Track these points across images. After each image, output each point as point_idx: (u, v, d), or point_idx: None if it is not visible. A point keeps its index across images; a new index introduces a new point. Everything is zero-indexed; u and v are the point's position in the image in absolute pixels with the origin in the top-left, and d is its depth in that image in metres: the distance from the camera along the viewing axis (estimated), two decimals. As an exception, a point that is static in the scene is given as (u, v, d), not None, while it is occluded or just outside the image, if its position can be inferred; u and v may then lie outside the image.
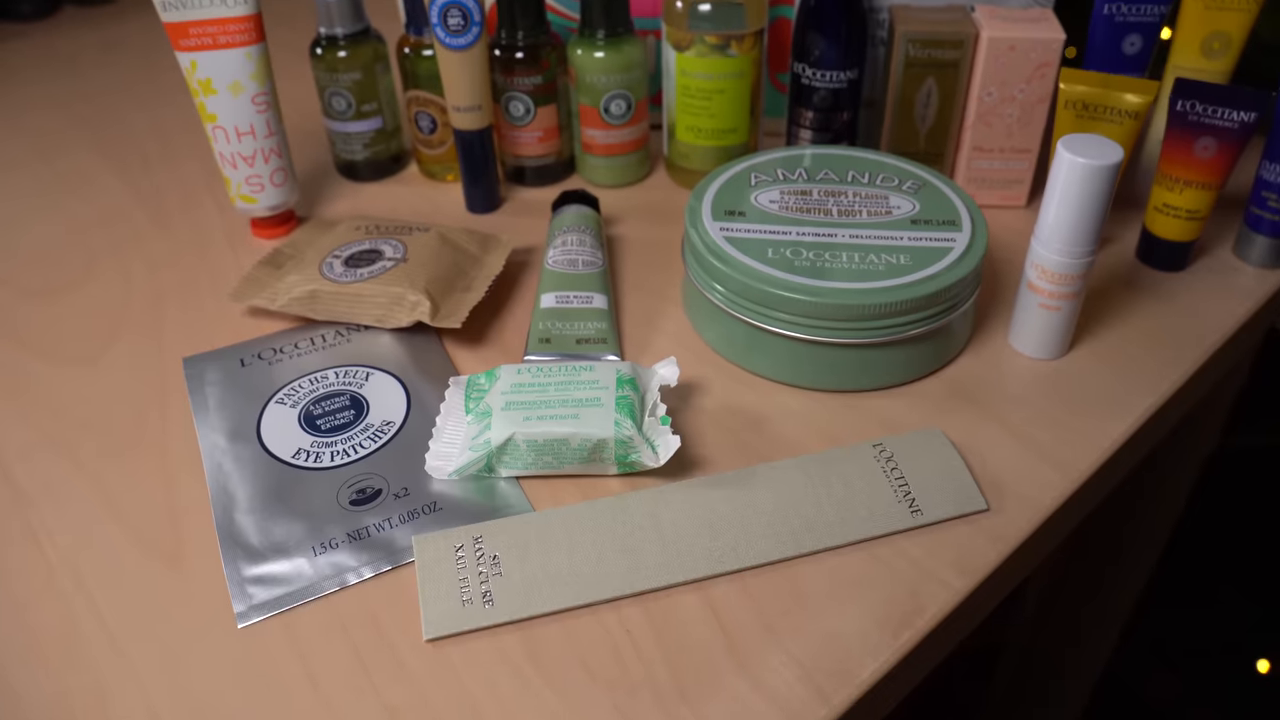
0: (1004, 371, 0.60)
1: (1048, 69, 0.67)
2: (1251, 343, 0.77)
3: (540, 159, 0.75)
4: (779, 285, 0.56)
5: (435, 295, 0.61)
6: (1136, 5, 0.66)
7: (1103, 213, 0.55)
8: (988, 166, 0.71)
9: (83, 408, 0.59)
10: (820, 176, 0.65)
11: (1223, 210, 0.73)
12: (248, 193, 0.70)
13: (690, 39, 0.69)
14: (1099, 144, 0.55)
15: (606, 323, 0.61)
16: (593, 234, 0.66)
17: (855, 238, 0.59)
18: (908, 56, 0.68)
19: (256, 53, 0.66)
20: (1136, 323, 0.63)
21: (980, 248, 0.59)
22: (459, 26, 0.66)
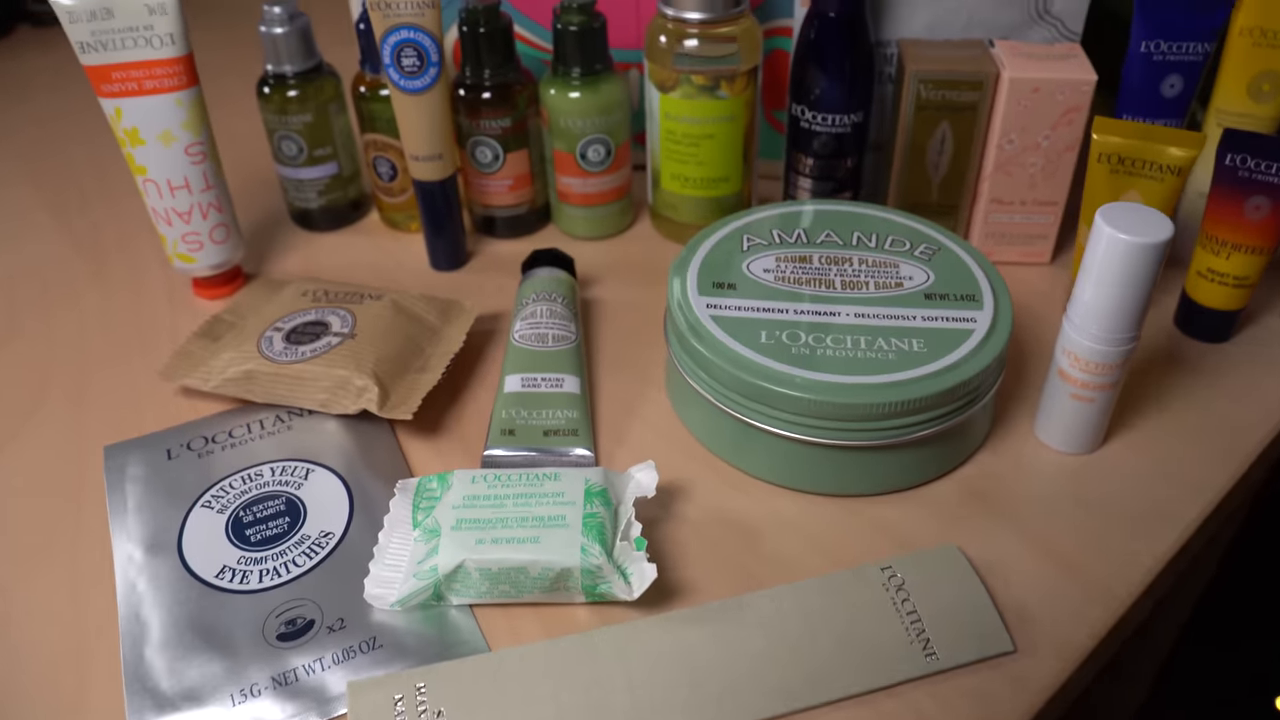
0: (1028, 469, 0.52)
1: (1077, 114, 0.59)
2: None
3: (511, 209, 0.67)
4: (772, 378, 0.48)
5: (385, 379, 0.53)
6: (1178, 43, 0.58)
7: (1147, 295, 0.47)
8: (1007, 220, 0.63)
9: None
10: (822, 239, 0.56)
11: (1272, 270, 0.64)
12: (185, 251, 0.62)
13: (675, 79, 0.60)
14: (1144, 216, 0.46)
15: (578, 410, 0.53)
16: (565, 302, 0.58)
17: (861, 316, 0.51)
18: (919, 99, 0.60)
19: (189, 98, 0.58)
20: (1178, 407, 0.55)
21: (1005, 329, 0.51)
22: (414, 67, 0.58)
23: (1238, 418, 0.55)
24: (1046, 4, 0.62)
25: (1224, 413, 0.55)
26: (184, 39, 0.57)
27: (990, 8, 0.62)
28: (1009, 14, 0.63)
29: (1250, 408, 0.55)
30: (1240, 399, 0.56)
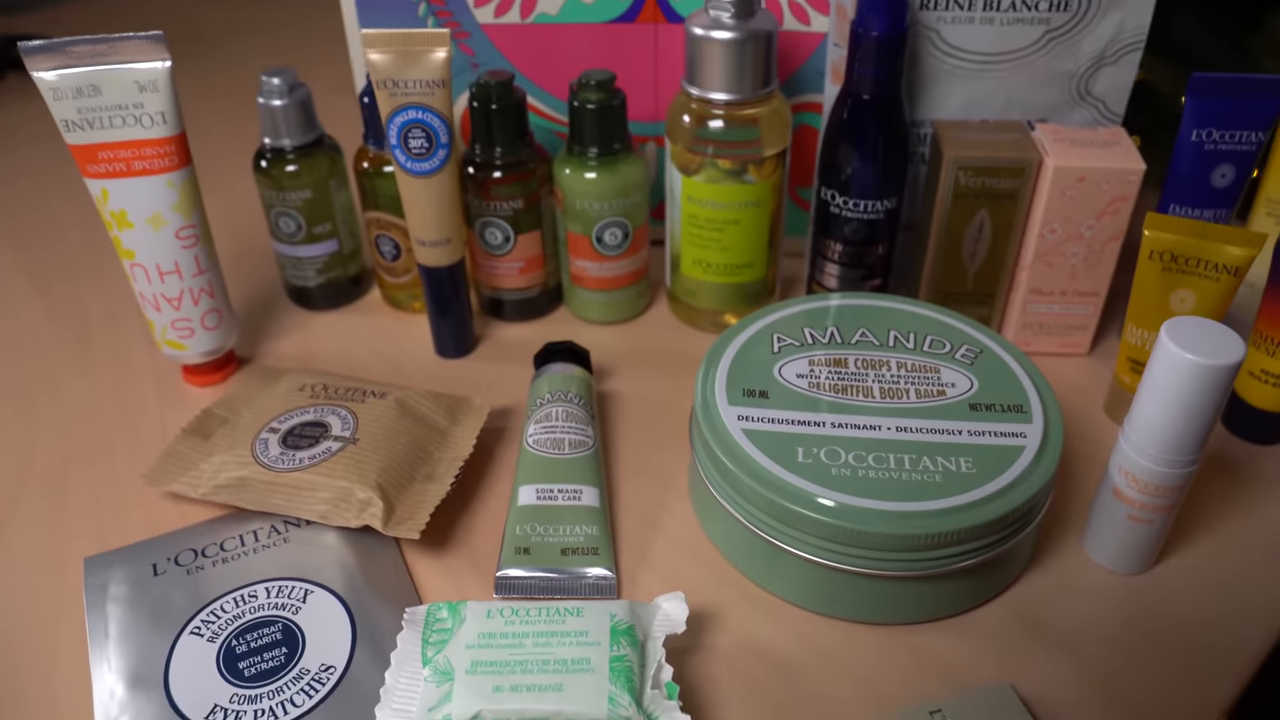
0: (1080, 592, 0.48)
1: (1123, 203, 0.56)
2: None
3: (521, 291, 0.63)
4: (811, 504, 0.44)
5: (390, 490, 0.49)
6: (1231, 132, 0.55)
7: (1214, 417, 0.44)
8: (1046, 311, 0.60)
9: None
10: (856, 338, 0.53)
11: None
12: (175, 338, 0.58)
13: (699, 162, 0.57)
14: (1212, 333, 0.43)
15: (598, 526, 0.49)
16: (582, 402, 0.54)
17: (904, 431, 0.48)
18: (957, 185, 0.56)
19: (180, 179, 0.54)
20: (1231, 516, 0.52)
21: (1056, 444, 0.47)
22: (422, 149, 0.54)
23: (1295, 534, 0.52)
24: (1088, 85, 0.59)
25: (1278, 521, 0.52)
26: (176, 117, 0.53)
27: (1030, 88, 0.59)
28: (1049, 95, 0.60)
29: (1309, 522, 0.52)
30: (1295, 511, 0.53)
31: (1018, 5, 0.56)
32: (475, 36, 0.63)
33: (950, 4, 0.57)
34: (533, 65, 0.64)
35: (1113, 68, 0.59)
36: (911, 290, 0.63)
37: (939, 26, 0.57)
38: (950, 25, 0.57)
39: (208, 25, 1.20)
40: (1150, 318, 0.54)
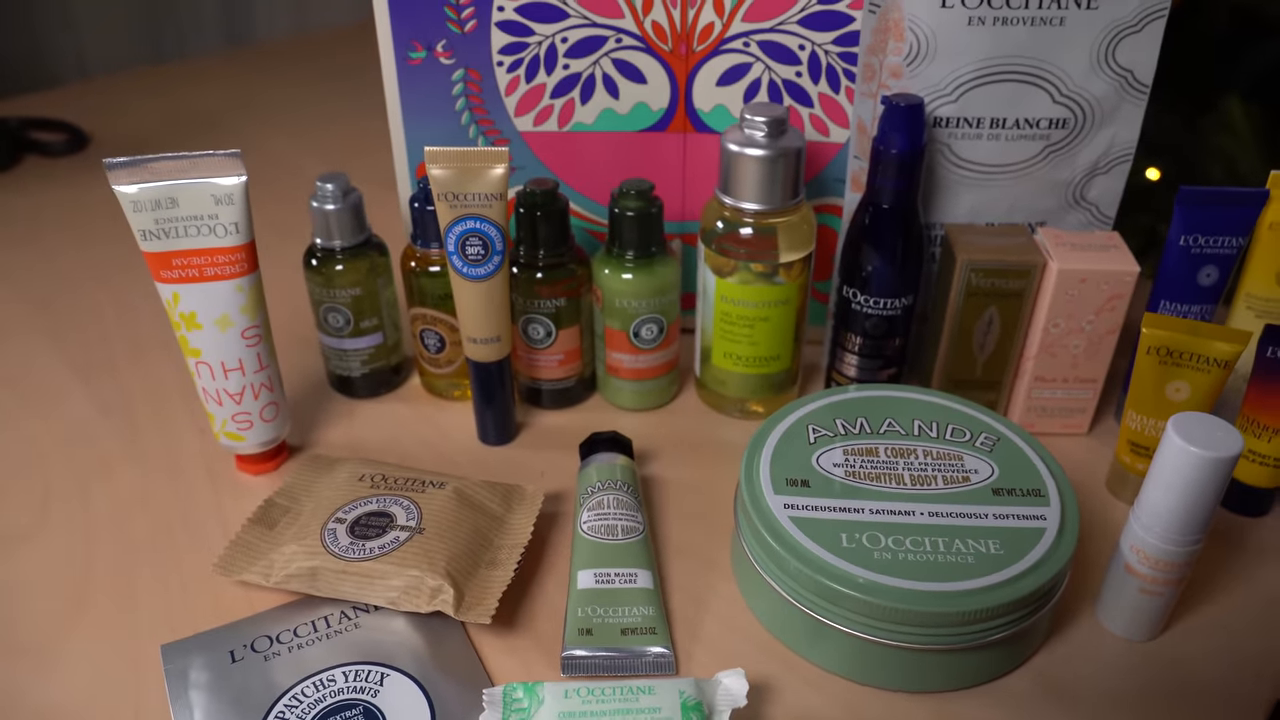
0: (1097, 658, 0.54)
1: (1119, 300, 0.62)
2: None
3: (559, 382, 0.68)
4: (857, 585, 0.49)
5: (459, 577, 0.54)
6: (1214, 237, 0.62)
7: (1216, 501, 0.50)
8: (1050, 396, 0.66)
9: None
10: (884, 428, 0.59)
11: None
12: (234, 430, 0.62)
13: (733, 265, 0.63)
14: (1213, 428, 0.50)
15: (654, 606, 0.54)
16: (630, 490, 0.59)
17: (935, 515, 0.53)
18: (969, 285, 0.63)
19: (249, 283, 0.59)
20: (1230, 585, 0.58)
21: (1074, 525, 0.53)
22: (479, 256, 0.59)
23: (1289, 602, 0.58)
24: (1083, 191, 0.67)
25: (1275, 588, 0.58)
26: (248, 226, 0.58)
27: (1031, 195, 0.66)
28: (1048, 201, 0.67)
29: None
30: (1286, 581, 0.59)
31: (1021, 124, 0.64)
32: (514, 143, 0.69)
33: (961, 123, 0.64)
34: (568, 170, 0.70)
35: (1105, 176, 0.66)
36: (924, 376, 0.69)
37: (950, 142, 0.64)
38: (961, 141, 0.64)
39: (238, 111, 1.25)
40: (1149, 406, 0.61)
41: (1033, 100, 0.63)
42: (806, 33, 0.64)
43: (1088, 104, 0.63)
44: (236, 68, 1.40)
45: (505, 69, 0.66)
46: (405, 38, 0.65)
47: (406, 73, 0.66)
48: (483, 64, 0.66)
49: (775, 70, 0.66)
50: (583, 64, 0.66)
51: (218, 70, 1.39)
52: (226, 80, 1.35)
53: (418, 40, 0.65)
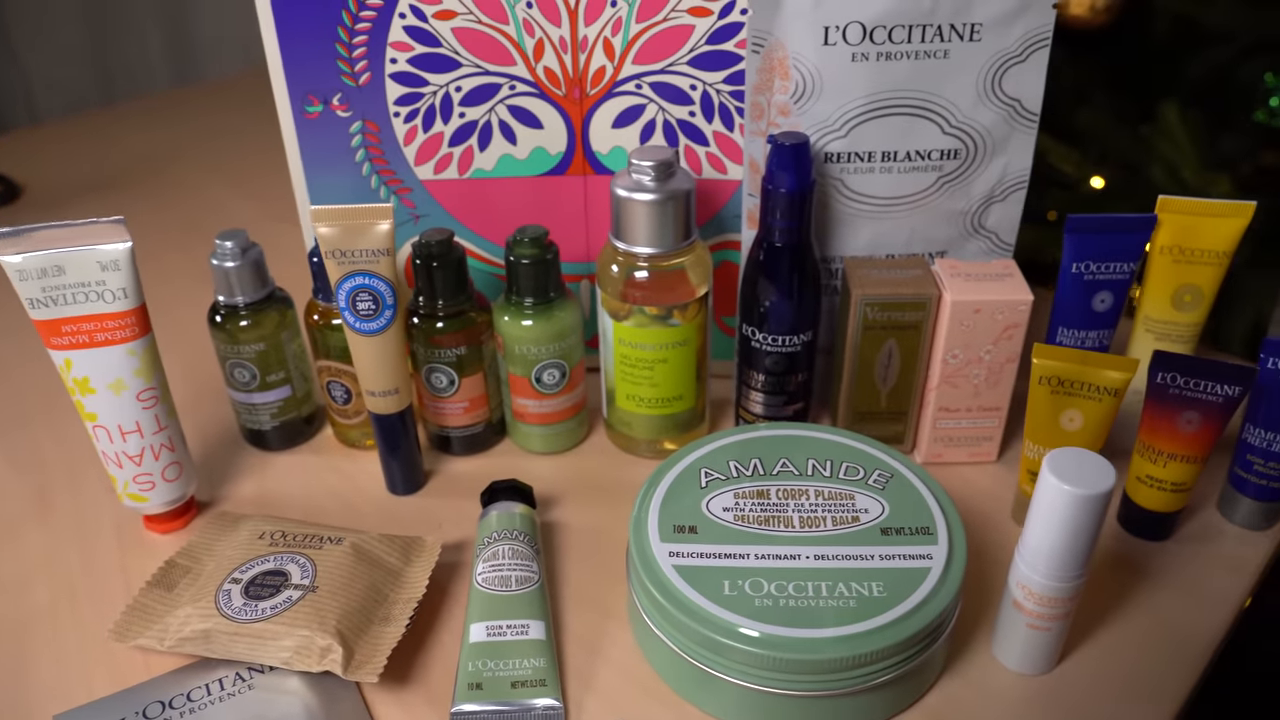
0: (991, 694, 0.54)
1: (1016, 329, 0.63)
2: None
3: (467, 428, 0.69)
4: (738, 636, 0.50)
5: (349, 635, 0.54)
6: (1106, 264, 0.62)
7: (1094, 538, 0.50)
8: (954, 425, 0.67)
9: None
10: (777, 469, 0.59)
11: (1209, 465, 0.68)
12: (137, 491, 0.63)
13: (628, 309, 0.63)
14: (1088, 465, 0.50)
15: (545, 658, 0.55)
16: (527, 539, 0.60)
17: (822, 558, 0.54)
18: (865, 319, 0.63)
19: (141, 347, 0.60)
20: (1129, 612, 0.59)
21: (960, 564, 0.54)
22: (370, 311, 0.60)
23: (1186, 619, 0.58)
24: (981, 220, 0.67)
25: (1173, 617, 0.59)
26: (136, 291, 0.59)
27: (928, 226, 0.67)
28: (946, 230, 0.67)
29: (1196, 608, 0.59)
30: (1186, 599, 0.60)
31: (912, 156, 0.64)
32: (416, 192, 0.69)
33: (852, 157, 0.64)
34: (472, 216, 0.70)
35: (1001, 204, 0.66)
36: (832, 410, 0.69)
37: (843, 177, 0.65)
38: (854, 175, 0.64)
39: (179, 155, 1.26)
40: (1044, 435, 0.61)
41: (923, 132, 0.63)
42: (697, 73, 0.65)
43: (978, 134, 0.64)
44: (185, 108, 1.40)
45: (402, 119, 0.67)
46: (301, 91, 0.66)
47: (305, 126, 0.67)
48: (379, 115, 0.67)
49: (669, 111, 0.66)
50: (478, 112, 0.67)
51: (165, 111, 1.39)
52: (172, 122, 1.35)
53: (313, 94, 0.66)
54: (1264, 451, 0.62)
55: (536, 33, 0.64)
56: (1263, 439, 0.61)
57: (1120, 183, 1.17)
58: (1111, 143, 1.22)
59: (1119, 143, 1.21)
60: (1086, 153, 1.23)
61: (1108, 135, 1.22)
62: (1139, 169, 1.18)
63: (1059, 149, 1.21)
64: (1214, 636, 0.58)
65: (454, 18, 0.64)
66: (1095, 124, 1.23)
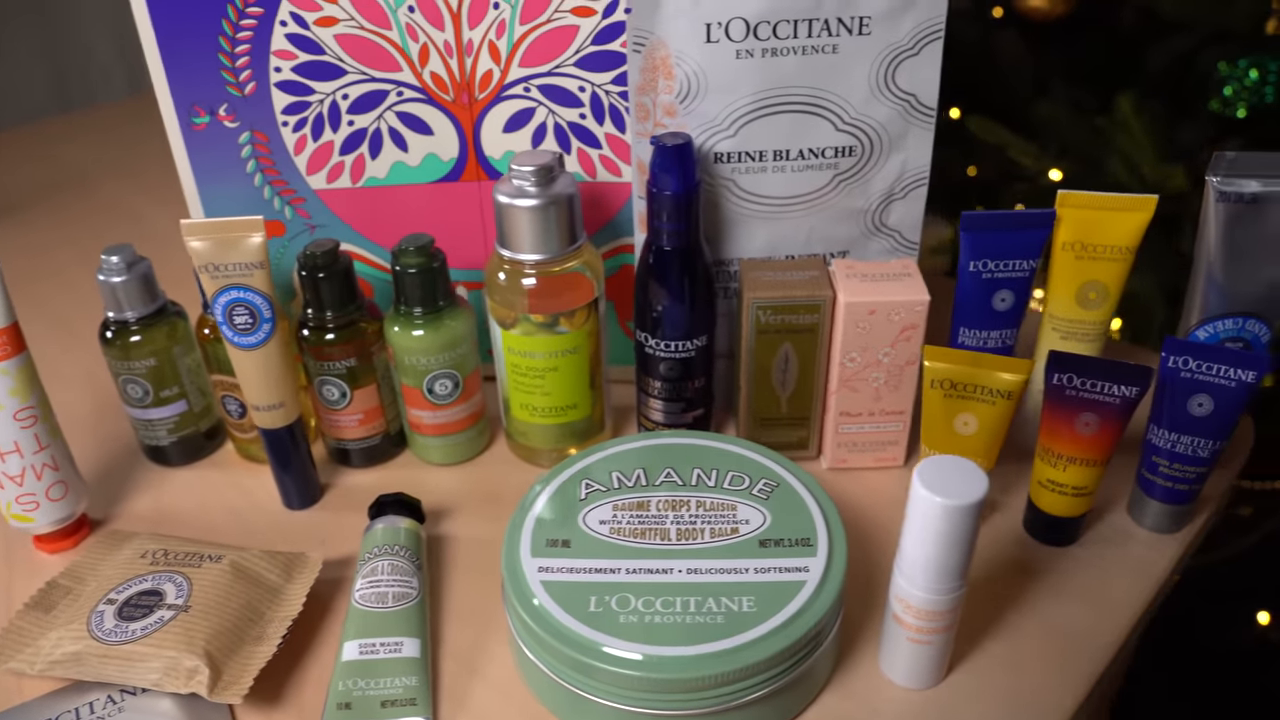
0: (874, 709, 0.53)
1: (914, 330, 0.61)
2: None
3: (364, 440, 0.68)
4: (599, 655, 0.48)
5: (218, 656, 0.53)
6: (1005, 261, 0.61)
7: (969, 549, 0.49)
8: (857, 430, 0.65)
9: None
10: (661, 479, 0.58)
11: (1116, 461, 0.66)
12: (21, 511, 0.62)
13: (514, 316, 0.62)
14: (960, 472, 0.48)
15: (418, 676, 0.54)
16: (409, 554, 0.58)
17: (694, 572, 0.52)
18: (759, 323, 0.62)
19: (15, 366, 0.59)
20: (1024, 621, 0.57)
21: (839, 574, 0.52)
22: (247, 325, 0.59)
23: (1085, 627, 0.57)
24: (882, 218, 0.65)
25: (1071, 625, 0.57)
26: (7, 309, 0.58)
27: (827, 225, 0.65)
28: (847, 230, 0.65)
29: (1094, 615, 0.57)
30: (1085, 606, 0.58)
31: (805, 154, 0.62)
32: (310, 202, 0.68)
33: (743, 157, 0.62)
34: (368, 225, 0.69)
35: (902, 202, 0.65)
36: (736, 416, 0.68)
37: (735, 177, 0.63)
38: (745, 175, 0.63)
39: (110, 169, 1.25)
40: (939, 440, 0.59)
41: (815, 130, 0.62)
42: (584, 74, 0.63)
43: (873, 130, 0.62)
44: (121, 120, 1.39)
45: (291, 129, 0.66)
46: (186, 103, 0.65)
47: (193, 138, 0.66)
48: (267, 125, 0.66)
49: (559, 113, 0.65)
50: (367, 119, 0.66)
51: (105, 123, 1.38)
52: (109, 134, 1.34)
53: (199, 105, 0.65)
54: (1169, 453, 0.60)
55: (420, 37, 0.63)
56: (1167, 440, 0.60)
57: (1079, 175, 1.15)
58: (1070, 135, 1.19)
59: (1077, 135, 1.18)
60: (1046, 146, 1.21)
61: (1067, 128, 1.19)
62: (1098, 161, 1.16)
63: (1017, 142, 1.19)
64: (1111, 643, 0.56)
65: (336, 24, 0.62)
66: (1054, 116, 1.21)
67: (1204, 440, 0.59)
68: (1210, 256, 0.61)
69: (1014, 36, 1.38)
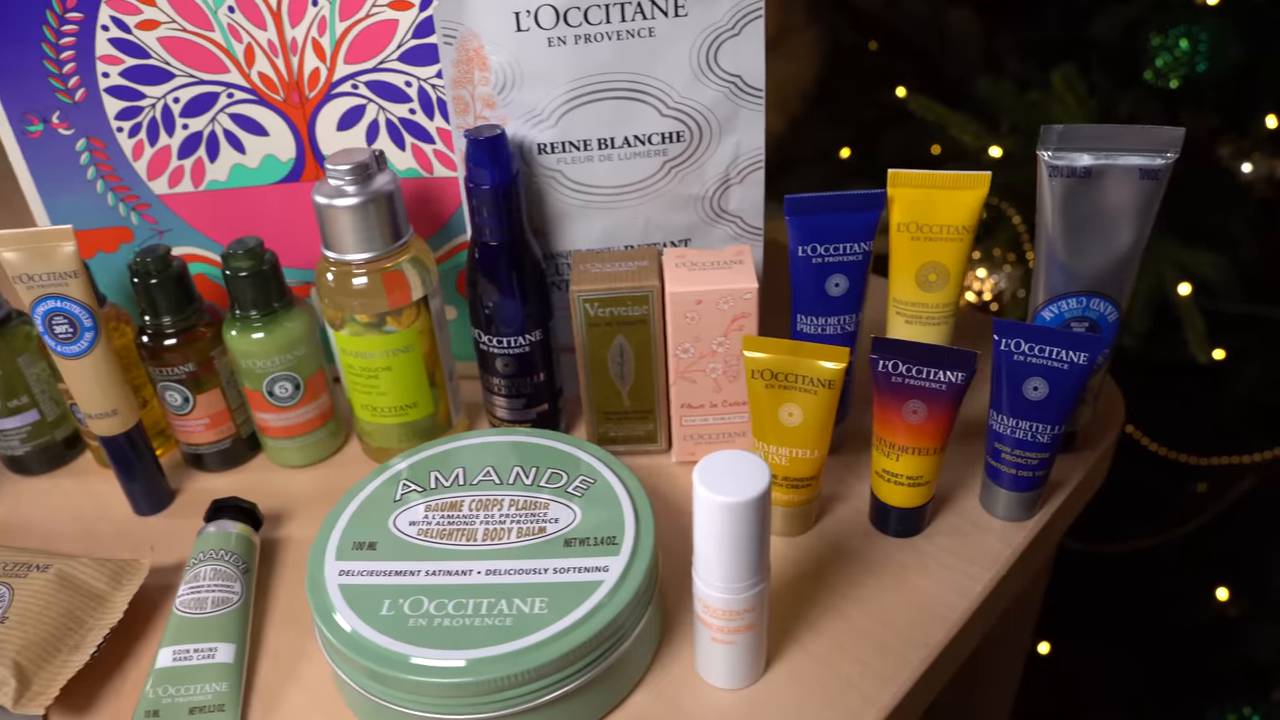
0: (685, 711, 0.52)
1: (746, 319, 0.60)
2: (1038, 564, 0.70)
3: (215, 444, 0.68)
4: (382, 659, 0.48)
5: (28, 666, 0.54)
6: (835, 245, 0.59)
7: (759, 544, 0.48)
8: (702, 422, 0.64)
9: None
10: (479, 479, 0.57)
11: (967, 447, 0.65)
12: None
13: (342, 317, 0.62)
14: (743, 469, 0.47)
15: (229, 682, 0.54)
16: (234, 559, 0.59)
17: (493, 574, 0.52)
18: (588, 316, 0.61)
19: None
20: (852, 615, 0.56)
21: (639, 574, 0.52)
22: (68, 334, 0.59)
23: (909, 620, 0.56)
24: (721, 204, 0.64)
25: (897, 615, 0.56)
26: None
27: (664, 213, 0.64)
28: (685, 217, 0.64)
29: (924, 608, 0.56)
30: (917, 599, 0.57)
31: (631, 141, 0.61)
32: (155, 207, 0.68)
33: (567, 147, 0.61)
34: (216, 228, 0.69)
35: (740, 187, 0.63)
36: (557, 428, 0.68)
37: (561, 168, 0.62)
38: (571, 165, 0.62)
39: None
40: (768, 432, 0.58)
41: (639, 116, 0.61)
42: (409, 69, 0.63)
43: (699, 114, 0.61)
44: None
45: (126, 134, 0.66)
46: (18, 111, 0.65)
47: (29, 147, 0.66)
48: (102, 131, 0.66)
49: (389, 110, 0.64)
50: (201, 122, 0.65)
51: None
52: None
53: (31, 113, 0.65)
54: (1011, 439, 0.58)
55: (244, 38, 0.63)
56: (1006, 425, 0.58)
57: (1021, 150, 1.12)
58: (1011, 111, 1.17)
59: (1018, 111, 1.16)
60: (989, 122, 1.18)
61: (1007, 103, 1.17)
62: (1037, 137, 1.13)
63: (957, 119, 1.17)
64: (941, 637, 0.55)
65: (158, 27, 0.62)
66: (994, 92, 1.18)
67: (1043, 425, 0.57)
68: (1049, 234, 0.59)
69: (969, 14, 1.36)
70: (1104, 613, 1.31)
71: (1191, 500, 1.20)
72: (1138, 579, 1.27)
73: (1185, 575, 1.23)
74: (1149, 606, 1.26)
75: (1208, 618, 1.20)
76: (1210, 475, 1.17)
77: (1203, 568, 1.21)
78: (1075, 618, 1.30)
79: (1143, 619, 1.27)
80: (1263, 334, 1.12)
